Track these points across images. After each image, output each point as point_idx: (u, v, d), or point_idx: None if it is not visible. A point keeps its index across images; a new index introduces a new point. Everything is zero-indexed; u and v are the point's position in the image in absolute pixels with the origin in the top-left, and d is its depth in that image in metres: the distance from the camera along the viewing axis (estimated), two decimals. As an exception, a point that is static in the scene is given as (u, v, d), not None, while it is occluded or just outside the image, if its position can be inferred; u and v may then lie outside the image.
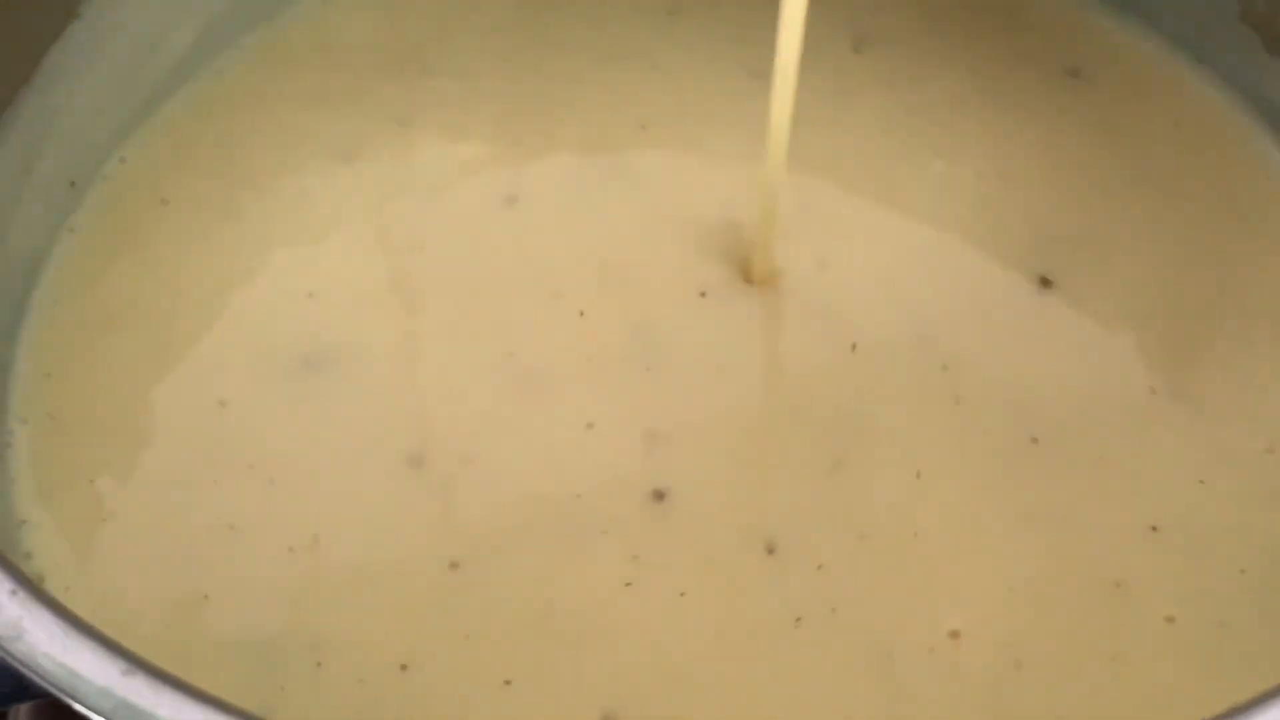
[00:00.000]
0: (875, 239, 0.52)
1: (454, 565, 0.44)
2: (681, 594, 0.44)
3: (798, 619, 0.43)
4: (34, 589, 0.34)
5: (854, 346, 0.48)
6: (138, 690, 0.32)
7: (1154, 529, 0.44)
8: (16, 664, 0.33)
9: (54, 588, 0.44)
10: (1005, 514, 0.44)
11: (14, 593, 0.34)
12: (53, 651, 0.33)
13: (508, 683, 0.42)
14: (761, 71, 0.50)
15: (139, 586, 0.44)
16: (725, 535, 0.45)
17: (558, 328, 0.49)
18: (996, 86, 0.56)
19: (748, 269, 0.50)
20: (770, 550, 0.44)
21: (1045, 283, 0.50)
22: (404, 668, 0.43)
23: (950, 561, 0.44)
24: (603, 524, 0.45)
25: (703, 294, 0.50)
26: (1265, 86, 0.56)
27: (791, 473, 0.46)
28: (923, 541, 0.44)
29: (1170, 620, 0.42)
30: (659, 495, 0.45)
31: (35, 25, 0.52)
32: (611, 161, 0.53)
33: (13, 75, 0.51)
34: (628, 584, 0.44)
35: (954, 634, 0.42)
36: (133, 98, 0.56)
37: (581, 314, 0.49)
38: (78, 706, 0.32)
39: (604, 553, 0.44)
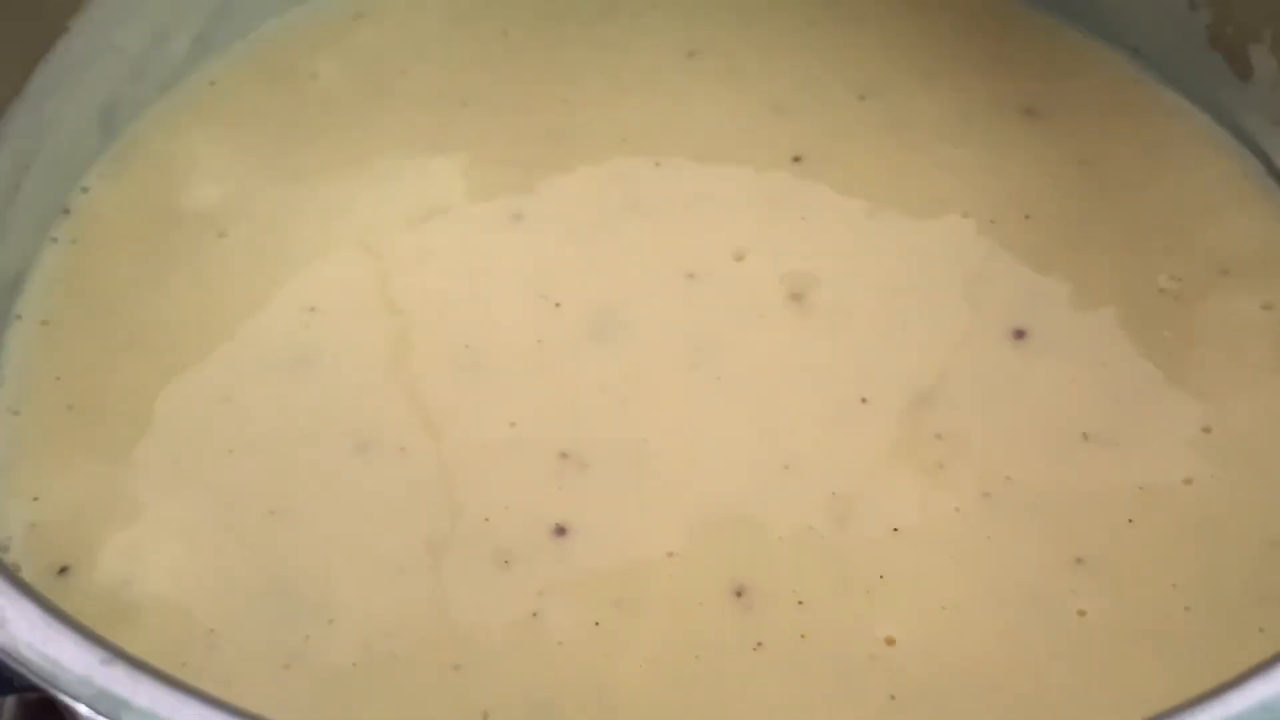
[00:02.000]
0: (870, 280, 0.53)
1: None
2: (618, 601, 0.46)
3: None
4: (16, 580, 0.34)
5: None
6: (117, 679, 0.33)
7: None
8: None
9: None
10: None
11: (-5, 584, 0.34)
12: (34, 641, 0.33)
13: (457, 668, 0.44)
14: (781, 107, 0.54)
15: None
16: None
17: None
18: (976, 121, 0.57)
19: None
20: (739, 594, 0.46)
21: (1019, 335, 0.52)
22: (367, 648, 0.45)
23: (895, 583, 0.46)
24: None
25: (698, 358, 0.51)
26: (1237, 111, 0.57)
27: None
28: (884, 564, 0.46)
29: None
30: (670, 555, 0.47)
31: (25, 39, 0.53)
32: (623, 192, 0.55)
33: (3, 88, 0.52)
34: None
35: (889, 640, 0.45)
36: (124, 109, 0.57)
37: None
38: (59, 695, 0.33)
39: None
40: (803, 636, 0.45)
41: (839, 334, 0.51)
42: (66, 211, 0.55)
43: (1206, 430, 0.49)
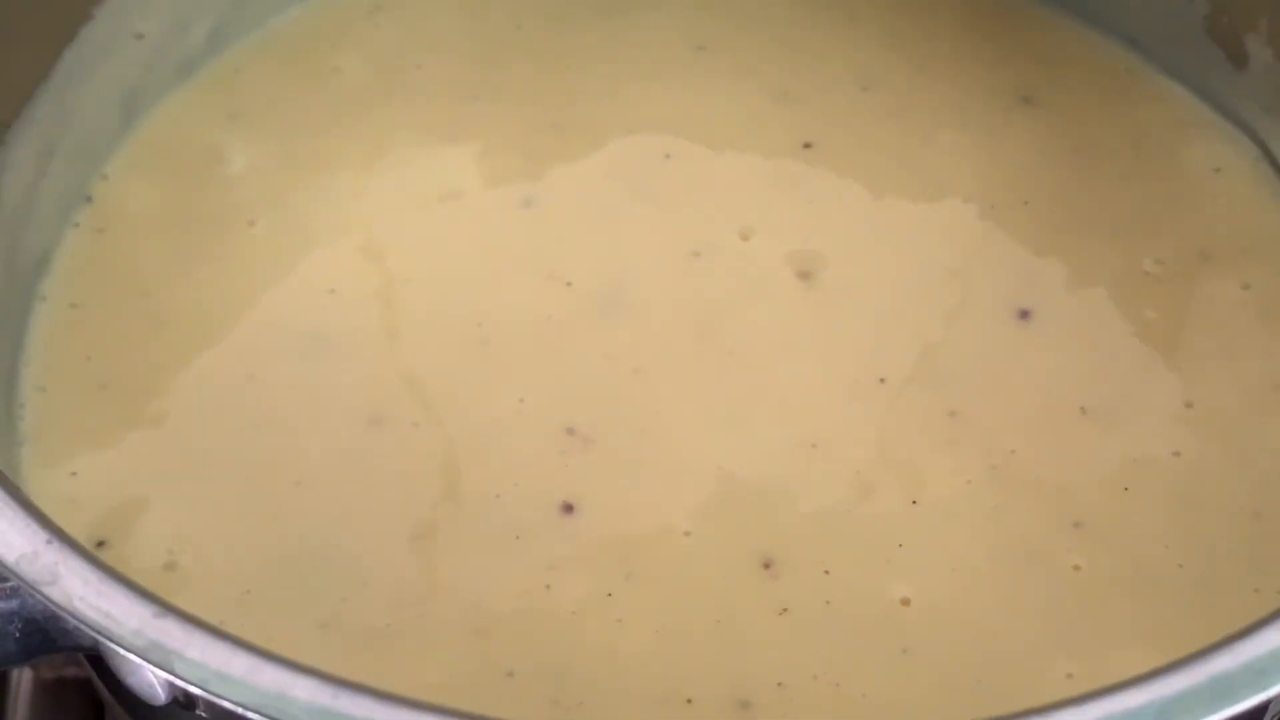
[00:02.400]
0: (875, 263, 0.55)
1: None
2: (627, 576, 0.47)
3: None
4: (68, 538, 0.35)
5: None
6: (169, 631, 0.34)
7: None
8: (55, 607, 0.34)
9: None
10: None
11: (49, 541, 0.35)
12: (88, 595, 0.34)
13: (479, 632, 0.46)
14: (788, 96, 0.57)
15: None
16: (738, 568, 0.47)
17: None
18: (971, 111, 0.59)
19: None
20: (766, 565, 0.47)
21: (1024, 314, 0.53)
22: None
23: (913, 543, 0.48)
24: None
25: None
26: (1234, 99, 0.58)
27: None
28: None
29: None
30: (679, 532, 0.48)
31: (51, 26, 0.54)
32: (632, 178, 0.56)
33: (30, 73, 0.53)
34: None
35: (904, 600, 0.47)
36: (145, 97, 0.58)
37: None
38: (114, 647, 0.34)
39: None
40: (828, 602, 0.47)
41: (847, 312, 0.53)
42: (89, 199, 0.56)
43: (1189, 405, 0.51)
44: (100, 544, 0.47)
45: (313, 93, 0.59)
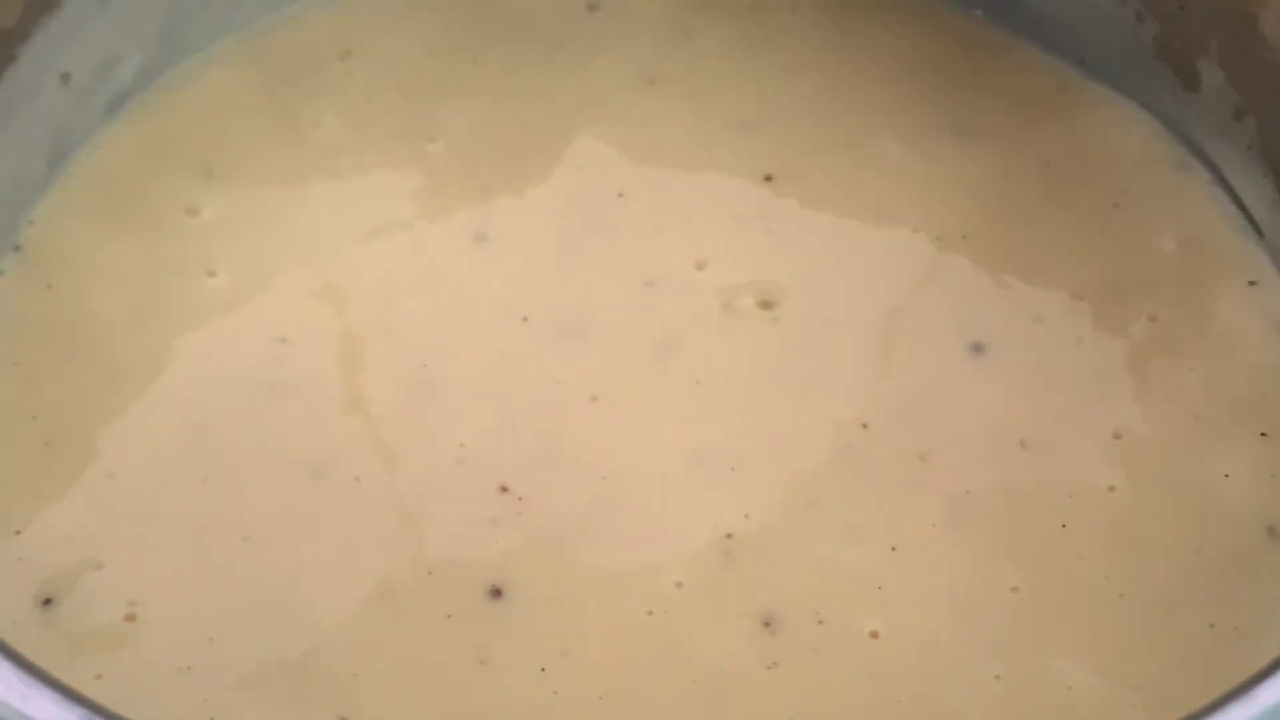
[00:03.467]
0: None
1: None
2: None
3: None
4: (-7, 638, 0.34)
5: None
6: (96, 735, 0.33)
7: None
8: (-21, 714, 0.33)
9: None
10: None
11: (-28, 643, 0.34)
12: (11, 699, 0.33)
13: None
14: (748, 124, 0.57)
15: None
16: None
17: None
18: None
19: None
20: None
21: (977, 348, 0.53)
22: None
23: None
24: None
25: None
26: (1186, 123, 0.58)
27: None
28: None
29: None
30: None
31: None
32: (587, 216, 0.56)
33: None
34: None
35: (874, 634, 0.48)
36: (71, 138, 0.56)
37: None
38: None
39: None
40: (816, 650, 0.47)
41: (810, 351, 0.53)
42: (17, 248, 0.54)
43: (1117, 437, 0.51)
44: (47, 601, 0.47)
45: (253, 131, 0.58)
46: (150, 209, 0.55)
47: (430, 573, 0.48)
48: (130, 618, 0.47)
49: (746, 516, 0.49)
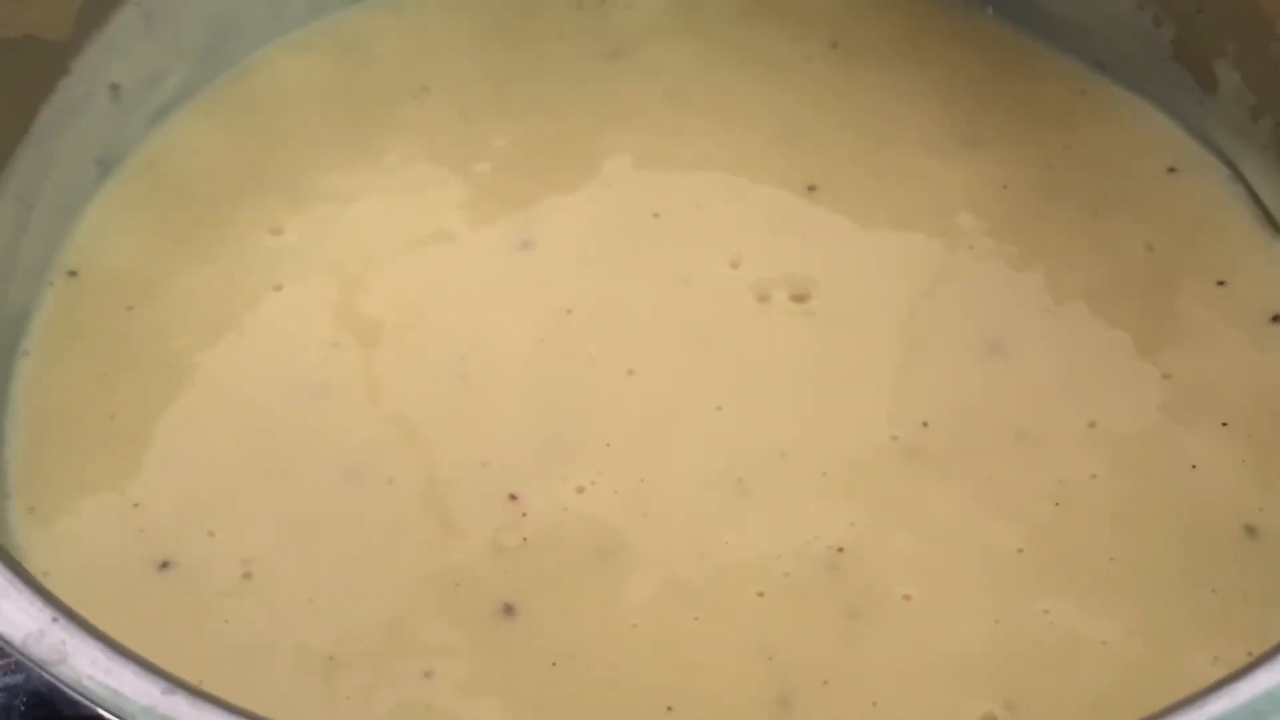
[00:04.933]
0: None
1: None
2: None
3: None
4: (75, 615, 0.36)
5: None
6: (178, 708, 0.34)
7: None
8: (64, 687, 0.34)
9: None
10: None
11: (55, 619, 0.35)
12: (96, 674, 0.34)
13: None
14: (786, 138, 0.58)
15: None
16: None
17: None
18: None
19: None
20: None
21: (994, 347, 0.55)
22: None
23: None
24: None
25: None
26: (1204, 123, 0.59)
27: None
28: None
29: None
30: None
31: (28, 82, 0.54)
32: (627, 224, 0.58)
33: (9, 129, 0.53)
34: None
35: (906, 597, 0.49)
36: (119, 147, 0.58)
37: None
38: (123, 724, 0.34)
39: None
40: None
41: (843, 341, 0.54)
42: (67, 250, 0.56)
43: (1092, 425, 0.52)
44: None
45: (297, 140, 0.59)
46: (221, 226, 0.57)
47: (458, 585, 0.49)
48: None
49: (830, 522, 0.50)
